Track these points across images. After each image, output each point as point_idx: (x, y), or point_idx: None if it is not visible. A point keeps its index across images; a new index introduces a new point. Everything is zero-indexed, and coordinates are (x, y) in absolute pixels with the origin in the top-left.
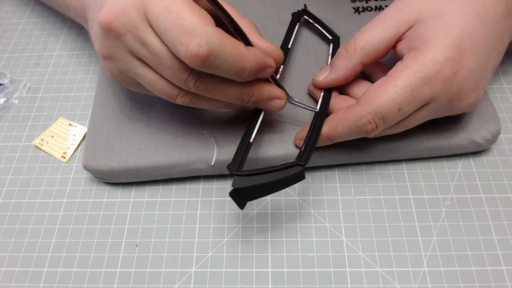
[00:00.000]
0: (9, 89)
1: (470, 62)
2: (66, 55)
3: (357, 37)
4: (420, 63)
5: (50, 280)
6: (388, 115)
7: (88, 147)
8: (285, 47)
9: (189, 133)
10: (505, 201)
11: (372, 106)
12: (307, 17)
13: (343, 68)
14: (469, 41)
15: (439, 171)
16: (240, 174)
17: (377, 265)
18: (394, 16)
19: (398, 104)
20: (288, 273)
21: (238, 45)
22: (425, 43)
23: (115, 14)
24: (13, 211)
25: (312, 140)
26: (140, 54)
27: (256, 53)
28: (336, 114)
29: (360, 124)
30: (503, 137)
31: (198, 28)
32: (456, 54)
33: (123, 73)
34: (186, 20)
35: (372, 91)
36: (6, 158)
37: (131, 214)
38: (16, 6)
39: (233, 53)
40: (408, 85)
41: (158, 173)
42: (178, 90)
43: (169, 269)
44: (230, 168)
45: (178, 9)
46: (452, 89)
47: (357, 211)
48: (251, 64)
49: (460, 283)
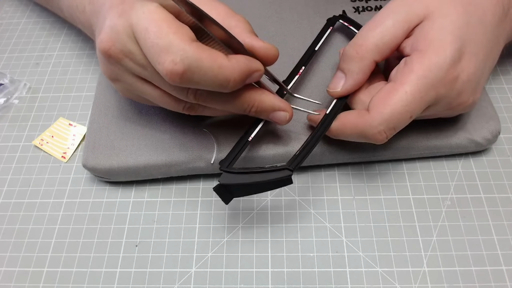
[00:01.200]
0: (9, 89)
1: (470, 66)
2: (66, 55)
3: (365, 35)
4: (425, 68)
5: (50, 280)
6: (399, 124)
7: (87, 146)
8: (311, 49)
9: (189, 131)
10: (505, 201)
11: (383, 116)
12: (343, 21)
13: (359, 72)
14: (469, 43)
15: (439, 171)
16: (228, 171)
17: (377, 265)
18: (402, 11)
19: (409, 112)
20: (288, 273)
21: (217, 57)
22: (430, 45)
23: (111, 41)
24: (13, 211)
25: (309, 148)
26: (142, 75)
27: (239, 62)
28: (347, 115)
29: (370, 134)
30: (503, 137)
31: (174, 45)
32: (459, 58)
33: (131, 91)
34: (162, 38)
35: (381, 99)
36: (6, 158)
37: (131, 214)
38: (16, 6)
39: (211, 66)
40: (418, 93)
41: (158, 172)
42: (183, 103)
43: (169, 269)
44: (221, 163)
45: (156, 28)
46: (452, 93)
47: (357, 211)
48: (234, 74)
49: (460, 283)
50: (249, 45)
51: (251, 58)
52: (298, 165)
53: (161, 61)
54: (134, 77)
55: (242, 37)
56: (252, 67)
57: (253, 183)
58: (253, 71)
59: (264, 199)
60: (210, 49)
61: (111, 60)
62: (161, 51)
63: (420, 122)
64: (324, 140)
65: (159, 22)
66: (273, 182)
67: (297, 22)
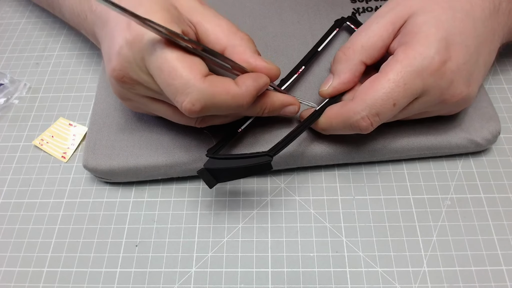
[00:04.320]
0: (9, 89)
1: (459, 56)
2: (66, 55)
3: (353, 38)
4: (410, 57)
5: (50, 280)
6: (383, 111)
7: (88, 146)
8: (314, 50)
9: (189, 132)
10: (505, 201)
11: (366, 102)
12: (350, 23)
13: (345, 71)
14: (458, 35)
15: (439, 171)
16: (213, 157)
17: (377, 265)
18: (387, 15)
19: (392, 99)
20: (288, 273)
21: (229, 89)
22: (415, 37)
23: (124, 71)
24: (13, 211)
25: (290, 138)
26: (154, 96)
27: (248, 86)
28: (332, 108)
29: (354, 121)
30: (503, 137)
31: (189, 85)
32: (445, 47)
33: (142, 109)
34: (177, 80)
35: (365, 87)
36: (6, 158)
37: (131, 214)
38: (16, 6)
39: (225, 99)
40: (401, 79)
41: (158, 173)
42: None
43: (169, 269)
44: (208, 151)
45: (169, 68)
46: (442, 83)
47: (357, 211)
48: (246, 99)
49: (460, 283)
50: (252, 65)
51: (257, 74)
52: (277, 152)
53: (179, 101)
54: (145, 98)
55: (246, 57)
56: (260, 84)
57: (235, 167)
58: (262, 87)
59: (264, 199)
60: (222, 81)
61: (125, 85)
62: (177, 92)
63: (420, 122)
64: (324, 141)
65: (172, 62)
66: (254, 167)
67: (297, 23)
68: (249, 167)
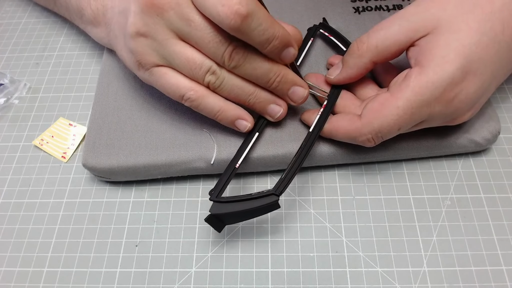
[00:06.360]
0: (9, 89)
1: (471, 85)
2: (66, 55)
3: (371, 34)
4: (422, 85)
5: (50, 280)
6: (387, 134)
7: (87, 145)
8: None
9: (189, 131)
10: (505, 201)
11: (373, 126)
12: (323, 31)
13: (354, 67)
14: (476, 63)
15: (439, 171)
16: (218, 201)
17: (377, 265)
18: (412, 19)
19: (398, 125)
20: (288, 273)
21: (268, 14)
22: (431, 62)
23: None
24: (13, 211)
25: (293, 171)
26: (181, 30)
27: (284, 29)
28: (339, 119)
29: (359, 140)
30: (503, 137)
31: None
32: (460, 77)
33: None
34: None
35: (373, 109)
36: (6, 158)
37: (131, 214)
38: (16, 6)
39: (266, 18)
40: (409, 109)
41: (157, 172)
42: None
43: (169, 269)
44: (211, 194)
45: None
46: (448, 110)
47: (357, 211)
48: (280, 32)
49: (460, 283)
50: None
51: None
52: (283, 189)
53: (227, 3)
54: (170, 32)
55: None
56: (291, 39)
57: (241, 211)
58: (292, 43)
59: None
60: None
61: (152, 11)
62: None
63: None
64: (324, 141)
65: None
66: (262, 208)
67: (297, 23)
68: (257, 209)
